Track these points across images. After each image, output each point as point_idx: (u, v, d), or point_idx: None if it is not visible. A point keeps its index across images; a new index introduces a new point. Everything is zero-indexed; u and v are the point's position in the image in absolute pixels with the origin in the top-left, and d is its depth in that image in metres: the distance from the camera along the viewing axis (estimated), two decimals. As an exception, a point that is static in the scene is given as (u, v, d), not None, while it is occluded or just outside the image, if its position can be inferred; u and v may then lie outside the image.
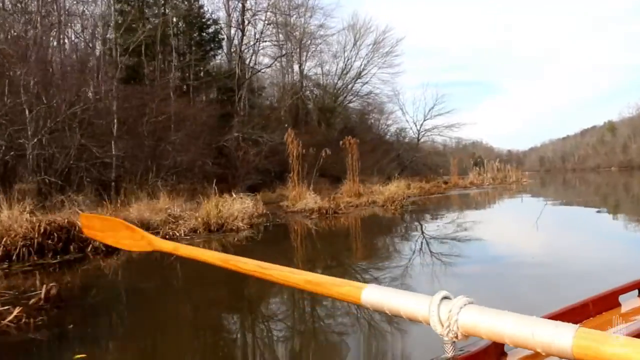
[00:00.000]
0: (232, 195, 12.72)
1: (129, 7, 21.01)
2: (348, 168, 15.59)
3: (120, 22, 19.25)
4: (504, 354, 1.20)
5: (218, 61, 27.49)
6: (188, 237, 7.79)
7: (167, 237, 7.45)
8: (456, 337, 0.80)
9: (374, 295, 0.93)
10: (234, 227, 8.54)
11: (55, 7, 14.56)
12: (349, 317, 3.26)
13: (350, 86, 35.02)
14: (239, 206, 11.07)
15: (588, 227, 8.14)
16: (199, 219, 8.31)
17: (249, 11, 25.36)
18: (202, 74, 25.94)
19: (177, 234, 7.87)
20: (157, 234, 6.76)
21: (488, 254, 5.92)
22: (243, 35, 25.25)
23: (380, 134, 39.17)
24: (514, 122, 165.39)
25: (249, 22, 25.55)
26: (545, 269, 4.57)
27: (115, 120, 13.68)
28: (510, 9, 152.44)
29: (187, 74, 23.67)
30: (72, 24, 16.84)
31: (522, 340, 0.71)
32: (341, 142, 15.89)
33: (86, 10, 17.44)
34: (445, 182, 26.27)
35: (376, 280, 4.37)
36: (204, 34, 25.85)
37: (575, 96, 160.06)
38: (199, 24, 25.44)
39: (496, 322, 0.74)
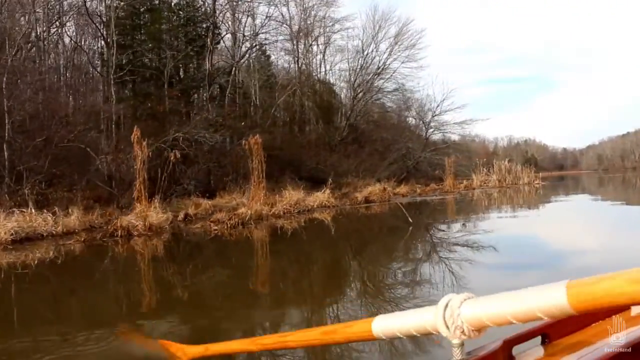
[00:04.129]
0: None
1: None
2: (251, 172, 12.69)
3: None
4: (512, 358, 1.10)
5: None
6: None
7: None
8: (464, 333, 0.77)
9: (383, 324, 0.91)
10: None
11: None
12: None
13: (369, 83, 31.62)
14: (13, 224, 8.81)
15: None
16: None
17: None
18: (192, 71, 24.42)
19: None
20: None
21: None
22: (215, 27, 23.17)
23: (407, 131, 35.25)
24: (571, 120, 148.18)
25: (220, 12, 23.43)
26: None
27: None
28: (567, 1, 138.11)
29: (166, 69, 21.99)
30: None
31: (523, 313, 0.69)
32: (243, 142, 12.97)
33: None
34: (444, 184, 22.26)
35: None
36: (196, 29, 24.19)
37: (636, 91, 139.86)
38: (192, 18, 23.87)
39: (495, 306, 0.73)
